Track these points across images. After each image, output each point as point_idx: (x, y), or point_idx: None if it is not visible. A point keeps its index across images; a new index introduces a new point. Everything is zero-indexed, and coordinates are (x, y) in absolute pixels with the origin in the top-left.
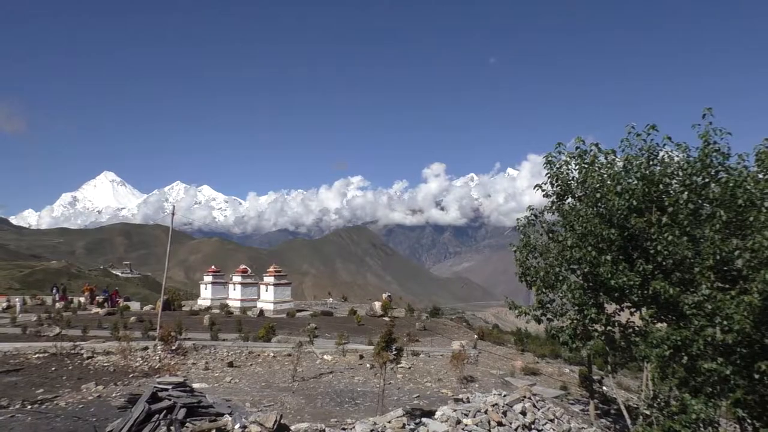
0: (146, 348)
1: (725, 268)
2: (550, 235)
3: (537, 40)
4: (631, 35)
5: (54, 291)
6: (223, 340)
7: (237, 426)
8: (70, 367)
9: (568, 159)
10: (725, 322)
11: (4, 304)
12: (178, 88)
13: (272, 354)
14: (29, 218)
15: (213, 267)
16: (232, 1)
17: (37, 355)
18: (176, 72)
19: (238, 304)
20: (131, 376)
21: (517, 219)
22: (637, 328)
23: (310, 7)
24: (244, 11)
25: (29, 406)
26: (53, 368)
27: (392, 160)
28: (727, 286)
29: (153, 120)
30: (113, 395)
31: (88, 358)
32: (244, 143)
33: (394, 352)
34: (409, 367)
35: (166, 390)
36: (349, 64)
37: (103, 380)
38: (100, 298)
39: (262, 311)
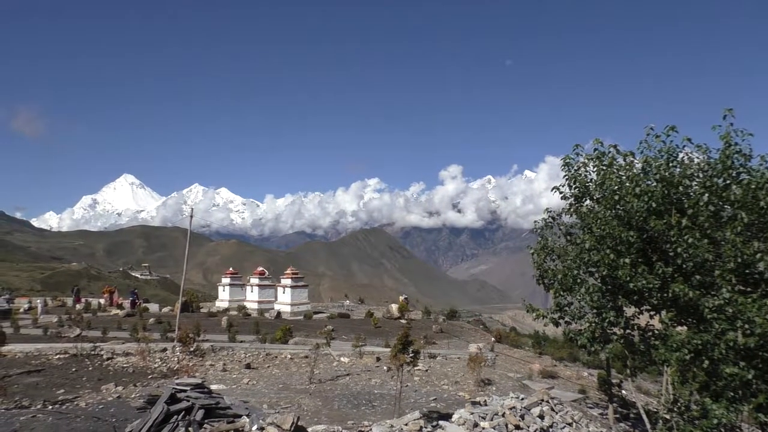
0: (165, 349)
1: (747, 271)
2: (568, 237)
3: (554, 41)
4: (650, 35)
5: (79, 293)
6: (241, 341)
7: (254, 427)
8: (90, 368)
9: (586, 161)
10: (747, 326)
11: (26, 306)
12: (198, 91)
13: (289, 356)
14: (50, 220)
15: (231, 269)
16: (252, 3)
17: (58, 356)
18: (196, 75)
19: (255, 305)
20: (150, 377)
21: (535, 221)
22: (656, 332)
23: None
24: (265, 12)
25: (50, 407)
26: (74, 369)
27: (409, 163)
28: (748, 289)
29: (172, 123)
30: (132, 396)
31: (107, 359)
32: (261, 146)
33: (410, 355)
34: (426, 370)
35: (185, 391)
36: (367, 67)
37: (123, 381)
38: (123, 301)
39: (279, 313)
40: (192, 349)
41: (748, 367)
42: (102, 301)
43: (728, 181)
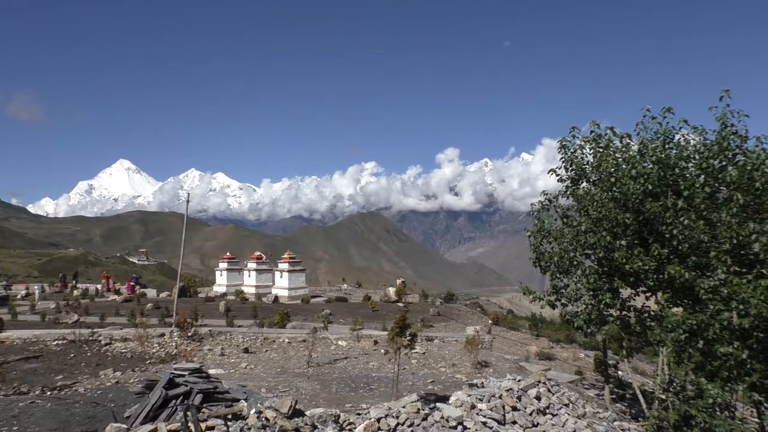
0: (163, 335)
1: (742, 252)
2: (565, 220)
3: (551, 23)
4: (646, 16)
5: (65, 278)
6: (239, 326)
7: (252, 411)
8: (89, 354)
9: (583, 143)
10: (742, 307)
11: (24, 292)
12: (193, 76)
13: (287, 340)
14: (46, 207)
15: (228, 254)
16: None
17: (56, 342)
18: (191, 61)
19: (253, 290)
20: (148, 362)
21: (531, 204)
22: (652, 313)
23: None
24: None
25: (49, 392)
26: (72, 355)
27: (406, 146)
28: (743, 270)
29: (168, 108)
30: (131, 381)
31: (105, 344)
32: (258, 131)
33: (408, 338)
34: (424, 353)
35: (183, 376)
36: (364, 51)
37: (121, 366)
38: (121, 286)
39: (276, 297)
40: (190, 334)
41: (743, 347)
42: (99, 286)
43: (724, 163)
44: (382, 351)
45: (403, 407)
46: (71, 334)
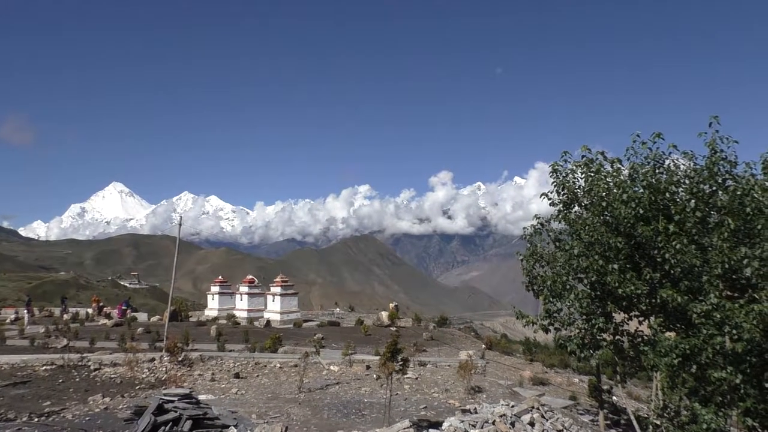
0: (153, 359)
1: (734, 277)
2: (557, 243)
3: (544, 51)
4: (637, 44)
5: (65, 302)
6: (230, 350)
7: None
8: (77, 379)
9: (574, 168)
10: (734, 331)
11: (13, 316)
12: (186, 99)
13: (279, 365)
14: (38, 229)
15: (220, 277)
16: (235, 13)
17: (44, 367)
18: (183, 83)
19: (245, 314)
20: (138, 387)
21: (524, 228)
22: (645, 337)
23: (312, 20)
24: (253, 24)
25: (36, 419)
26: (60, 380)
27: (399, 169)
28: (735, 294)
29: (161, 131)
30: (120, 407)
31: (95, 369)
32: (251, 154)
33: (399, 363)
34: (416, 378)
35: (172, 402)
36: (357, 75)
37: (110, 392)
38: (111, 310)
39: (269, 321)
40: (180, 359)
41: (736, 371)
42: (90, 310)
43: (714, 188)
44: (375, 376)
45: None
46: (60, 359)
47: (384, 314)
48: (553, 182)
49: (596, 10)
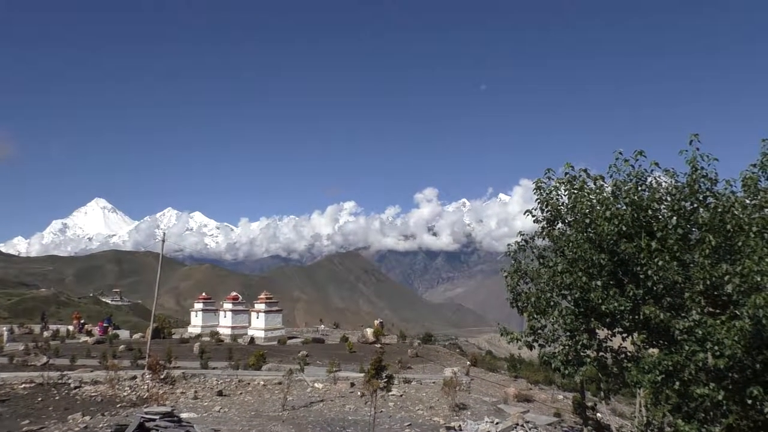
0: (135, 377)
1: (715, 293)
2: (541, 260)
3: (528, 68)
4: (619, 62)
5: (45, 318)
6: (213, 368)
7: None
8: (57, 398)
9: (558, 185)
10: (716, 348)
11: None
12: (169, 115)
13: (262, 382)
14: (18, 245)
15: (204, 294)
16: (219, 27)
17: (23, 386)
18: (168, 99)
19: (228, 331)
20: (119, 405)
21: (508, 245)
22: (629, 354)
23: (294, 35)
24: (234, 36)
25: None
26: (40, 399)
27: (385, 186)
28: (717, 311)
29: (144, 147)
30: (100, 426)
31: (75, 387)
32: (236, 170)
33: (384, 380)
34: (401, 395)
35: (154, 420)
36: (341, 92)
37: (90, 410)
38: (93, 327)
39: (252, 339)
40: (162, 377)
41: (719, 387)
42: (71, 327)
43: (695, 205)
44: (359, 393)
45: None
46: (40, 377)
47: (369, 331)
48: (537, 199)
49: (581, 27)
